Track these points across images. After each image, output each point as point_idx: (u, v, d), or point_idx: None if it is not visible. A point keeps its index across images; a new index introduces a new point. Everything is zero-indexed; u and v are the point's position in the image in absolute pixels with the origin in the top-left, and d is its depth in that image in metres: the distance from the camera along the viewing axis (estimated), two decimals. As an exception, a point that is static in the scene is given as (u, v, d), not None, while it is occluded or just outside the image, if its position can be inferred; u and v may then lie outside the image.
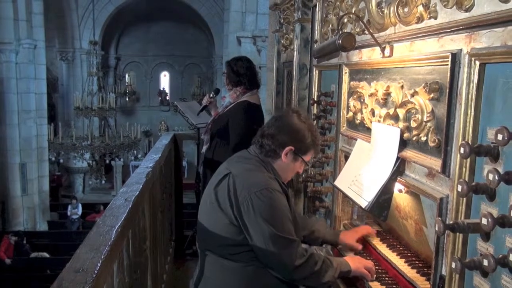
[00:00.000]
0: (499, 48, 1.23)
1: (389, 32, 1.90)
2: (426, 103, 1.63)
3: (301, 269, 1.90)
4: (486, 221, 1.16)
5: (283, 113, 2.13)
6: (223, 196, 1.95)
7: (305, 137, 2.04)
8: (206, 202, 2.06)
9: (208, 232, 2.00)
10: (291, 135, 2.03)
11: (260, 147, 2.06)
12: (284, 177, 2.12)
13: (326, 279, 1.94)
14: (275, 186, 1.95)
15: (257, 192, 1.88)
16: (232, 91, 3.66)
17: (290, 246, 1.89)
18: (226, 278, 1.97)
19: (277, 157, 2.04)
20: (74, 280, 1.27)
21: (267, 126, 2.09)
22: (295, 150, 2.03)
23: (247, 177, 1.96)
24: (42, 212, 13.63)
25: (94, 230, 1.70)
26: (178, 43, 22.13)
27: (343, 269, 1.99)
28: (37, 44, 12.90)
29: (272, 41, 4.41)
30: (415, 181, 1.70)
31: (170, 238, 4.50)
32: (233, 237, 1.92)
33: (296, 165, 2.09)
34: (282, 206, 1.93)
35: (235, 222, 1.91)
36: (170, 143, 4.35)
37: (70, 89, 17.79)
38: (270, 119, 2.15)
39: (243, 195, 1.89)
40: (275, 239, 1.86)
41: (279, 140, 2.02)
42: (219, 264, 1.99)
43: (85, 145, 12.48)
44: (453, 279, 1.40)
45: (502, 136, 1.12)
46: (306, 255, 1.92)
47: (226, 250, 1.96)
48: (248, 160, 2.06)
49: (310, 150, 2.08)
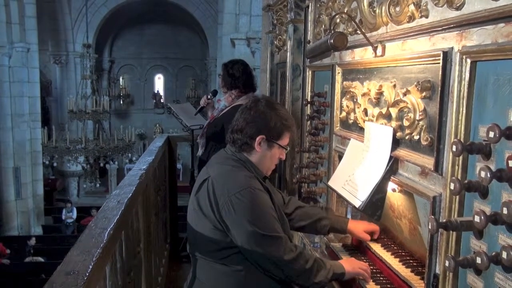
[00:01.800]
0: (490, 46, 1.23)
1: (381, 31, 1.91)
2: (418, 101, 1.63)
3: (291, 265, 1.88)
4: (479, 219, 1.16)
5: (247, 104, 2.08)
6: (204, 202, 1.92)
7: (273, 122, 1.99)
8: (190, 209, 2.04)
9: (196, 238, 1.99)
10: (258, 123, 1.99)
11: (233, 143, 2.04)
12: (266, 168, 2.08)
13: (318, 279, 1.92)
14: (255, 185, 1.92)
15: (237, 193, 1.85)
16: (227, 94, 3.65)
17: (276, 243, 1.87)
18: (219, 282, 1.95)
19: (251, 149, 2.01)
20: (65, 282, 1.25)
21: (235, 121, 2.06)
22: (267, 138, 1.99)
23: (225, 179, 1.93)
24: (37, 216, 13.56)
25: (86, 233, 1.68)
26: (173, 46, 22.12)
27: (337, 271, 1.97)
28: (30, 48, 12.86)
29: (265, 43, 4.41)
30: (408, 180, 1.70)
31: (165, 240, 4.48)
32: (220, 241, 1.90)
33: (274, 152, 2.05)
34: (264, 204, 1.90)
35: (219, 226, 1.88)
36: (164, 145, 4.34)
37: (64, 92, 17.72)
38: (237, 112, 2.11)
39: (223, 198, 1.86)
40: (260, 238, 1.84)
41: (248, 131, 1.99)
42: (210, 268, 1.97)
43: (79, 148, 12.43)
44: (447, 277, 1.40)
45: (493, 133, 1.12)
46: (295, 251, 1.90)
47: (215, 254, 1.94)
48: (226, 160, 2.03)
49: (284, 133, 2.03)
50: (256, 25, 10.22)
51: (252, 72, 3.77)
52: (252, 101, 2.09)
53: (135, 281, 2.45)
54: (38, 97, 13.47)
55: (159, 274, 3.71)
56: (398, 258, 2.01)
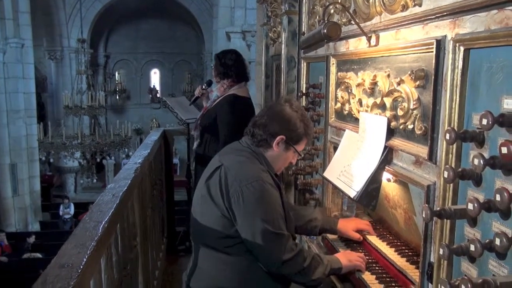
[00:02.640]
0: (483, 33, 1.22)
1: (375, 21, 1.90)
2: (412, 91, 1.63)
3: (289, 264, 1.89)
4: (472, 206, 1.16)
5: (275, 103, 2.12)
6: (215, 188, 1.94)
7: (297, 126, 2.02)
8: (198, 196, 2.05)
9: (201, 225, 2.00)
10: (282, 124, 2.02)
11: (252, 137, 2.06)
12: (277, 168, 2.11)
13: (316, 276, 1.93)
14: (267, 179, 1.94)
15: (248, 184, 1.86)
16: (220, 84, 3.64)
17: (278, 240, 1.87)
18: (219, 271, 1.97)
19: (269, 147, 2.03)
20: (59, 275, 1.25)
21: (259, 116, 2.08)
22: (287, 140, 2.02)
23: (238, 169, 1.95)
24: (34, 212, 13.54)
25: (81, 226, 1.68)
26: (168, 40, 22.01)
27: (334, 266, 1.99)
28: (25, 43, 12.77)
29: (260, 35, 4.39)
30: (402, 170, 1.70)
31: (162, 234, 4.48)
32: (225, 230, 1.91)
33: (288, 155, 2.09)
34: (273, 199, 1.91)
35: (226, 214, 1.90)
36: (159, 139, 4.32)
37: (59, 88, 17.62)
38: (262, 108, 2.15)
39: (234, 187, 1.88)
40: (264, 232, 1.85)
41: (270, 129, 2.01)
42: (212, 257, 1.98)
43: (75, 144, 12.40)
44: (442, 265, 1.40)
45: (486, 120, 1.12)
46: (295, 250, 1.91)
47: (219, 243, 1.95)
48: (240, 151, 2.05)
49: (302, 139, 2.07)
50: (251, 18, 10.18)
51: (245, 62, 3.74)
52: (279, 100, 2.13)
53: (132, 274, 2.45)
54: (33, 93, 13.39)
55: (156, 267, 3.71)
56: (394, 248, 2.02)
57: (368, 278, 1.92)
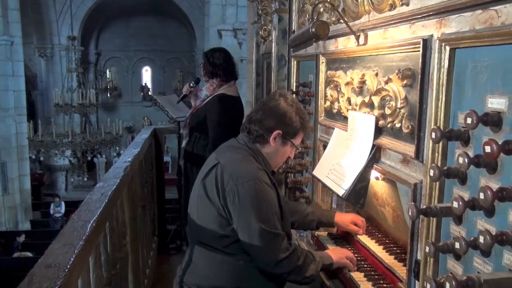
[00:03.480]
0: (468, 33, 1.24)
1: (364, 20, 1.91)
2: (399, 89, 1.64)
3: (284, 263, 1.88)
4: (457, 205, 1.17)
5: (270, 97, 2.09)
6: (211, 186, 1.93)
7: (292, 120, 2.00)
8: (194, 195, 2.04)
9: (198, 225, 1.99)
10: (278, 118, 1.99)
11: (248, 133, 2.03)
12: (275, 163, 2.10)
13: (309, 273, 1.93)
14: (264, 178, 1.92)
15: (244, 183, 1.85)
16: (209, 83, 3.62)
17: (274, 240, 1.87)
18: (214, 269, 1.96)
19: (266, 143, 2.02)
20: (46, 275, 1.25)
21: (254, 111, 2.06)
22: (283, 134, 2.00)
23: (235, 167, 1.93)
24: (24, 211, 13.42)
25: (69, 225, 1.67)
26: (160, 38, 21.90)
27: (326, 262, 1.99)
28: (14, 41, 12.63)
29: (251, 33, 4.39)
30: (390, 168, 1.71)
31: (153, 233, 4.47)
32: (221, 229, 1.91)
33: (286, 150, 2.07)
34: (269, 198, 1.90)
35: (223, 213, 1.89)
36: (150, 137, 4.31)
37: (50, 85, 17.48)
38: (256, 104, 2.12)
39: (230, 185, 1.86)
40: (259, 232, 1.84)
41: (266, 124, 1.99)
42: (208, 256, 1.98)
43: (65, 142, 12.30)
44: (428, 263, 1.42)
45: (471, 119, 1.13)
46: (290, 249, 1.91)
47: (216, 242, 1.94)
48: (237, 149, 2.03)
49: (299, 133, 2.05)
50: (243, 16, 10.16)
51: (233, 60, 3.72)
52: (274, 95, 2.09)
53: (121, 273, 2.45)
54: (23, 90, 13.24)
55: (147, 266, 3.71)
56: (382, 245, 2.03)
57: (356, 275, 1.93)
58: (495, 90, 1.16)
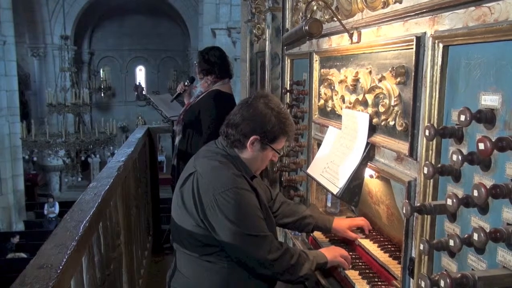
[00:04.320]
0: (461, 30, 1.23)
1: (357, 18, 1.90)
2: (393, 87, 1.63)
3: (278, 263, 1.87)
4: (451, 202, 1.16)
5: (249, 99, 1.99)
6: (188, 198, 1.88)
7: (271, 125, 1.90)
8: (174, 202, 1.99)
9: (179, 228, 1.95)
10: (255, 123, 1.90)
11: (226, 138, 1.96)
12: (255, 168, 2.04)
13: (303, 272, 1.91)
14: (242, 185, 1.86)
15: (222, 192, 1.80)
16: (203, 80, 3.63)
17: (262, 243, 1.84)
18: (199, 277, 1.93)
19: (243, 147, 1.94)
20: (38, 276, 1.23)
21: (232, 114, 1.98)
22: (261, 139, 1.92)
23: (211, 176, 1.86)
24: (18, 211, 13.36)
25: (61, 225, 1.65)
26: (153, 37, 21.85)
27: (320, 261, 1.98)
28: (7, 40, 12.58)
29: (244, 32, 4.38)
30: (384, 166, 1.71)
31: (148, 232, 4.45)
32: (202, 238, 1.87)
33: (266, 154, 1.99)
34: (250, 204, 1.86)
35: (201, 225, 1.85)
36: (144, 136, 4.28)
37: (43, 85, 17.39)
38: (236, 106, 2.05)
39: (208, 196, 1.82)
40: (246, 238, 1.82)
41: (243, 129, 1.91)
42: (193, 263, 1.94)
43: (59, 142, 12.25)
44: (422, 260, 1.41)
45: (464, 117, 1.13)
46: (281, 249, 1.89)
47: (199, 250, 1.90)
48: (214, 155, 1.96)
49: (279, 137, 1.95)
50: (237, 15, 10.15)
51: (228, 59, 3.74)
52: (254, 97, 1.98)
53: (116, 274, 2.43)
54: (16, 90, 13.20)
55: (142, 266, 3.69)
56: (377, 243, 2.03)
57: (351, 274, 1.93)
58: (488, 87, 1.15)
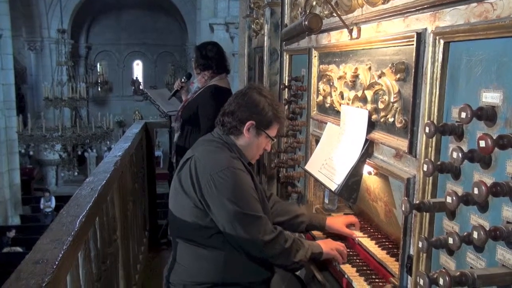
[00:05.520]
0: (462, 26, 1.22)
1: (357, 13, 1.89)
2: (393, 84, 1.62)
3: (271, 246, 1.89)
4: (451, 200, 1.16)
5: (242, 90, 2.12)
6: (186, 180, 1.93)
7: (265, 110, 2.02)
8: (172, 189, 2.05)
9: (176, 218, 1.99)
10: (250, 109, 2.01)
11: (222, 126, 2.06)
12: (251, 156, 2.11)
13: (297, 258, 1.94)
14: (238, 166, 1.94)
15: (219, 171, 1.87)
16: (200, 75, 3.61)
17: (257, 223, 1.88)
18: (198, 266, 1.96)
19: (240, 134, 2.03)
20: (34, 271, 1.22)
21: (227, 104, 2.09)
22: (257, 125, 2.02)
23: (208, 158, 1.95)
24: (14, 206, 13.30)
25: (57, 220, 1.64)
26: (151, 32, 21.74)
27: (315, 251, 2.00)
28: (3, 33, 12.48)
29: (243, 27, 4.36)
30: (383, 163, 1.70)
31: (144, 228, 4.44)
32: (200, 220, 1.91)
33: (260, 141, 2.07)
34: (246, 184, 1.92)
35: (199, 205, 1.89)
36: (141, 131, 4.26)
37: (39, 79, 17.30)
38: (230, 97, 2.14)
39: (205, 176, 1.88)
40: (241, 217, 1.85)
41: (239, 116, 2.01)
42: (191, 251, 1.97)
43: (55, 136, 12.20)
44: (421, 258, 1.41)
45: (465, 114, 1.12)
46: (275, 232, 1.91)
47: (195, 235, 1.94)
48: (210, 142, 2.05)
49: (273, 123, 2.06)
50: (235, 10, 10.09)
51: (225, 54, 3.73)
52: (247, 87, 2.12)
53: (112, 269, 2.42)
54: (12, 84, 13.09)
55: (138, 261, 3.68)
56: (374, 240, 2.02)
57: (348, 270, 1.92)
58: (489, 84, 1.14)
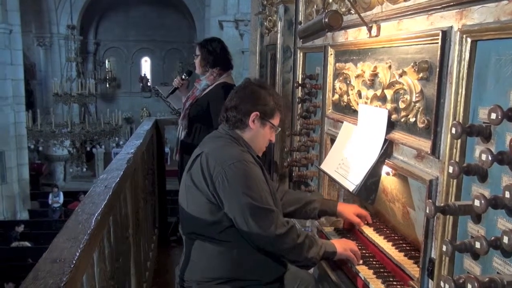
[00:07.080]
0: (492, 24, 1.19)
1: (376, 11, 1.85)
2: (414, 83, 1.59)
3: (283, 239, 1.88)
4: (479, 203, 1.12)
5: (241, 85, 2.16)
6: (198, 175, 1.94)
7: (267, 101, 2.06)
8: (183, 187, 2.05)
9: (188, 215, 1.99)
10: (253, 101, 2.05)
11: (227, 121, 2.08)
12: (258, 147, 2.12)
13: (310, 254, 1.92)
14: (249, 158, 1.96)
15: (230, 164, 1.88)
16: (209, 72, 3.55)
17: (269, 216, 1.87)
18: (211, 262, 1.96)
19: (245, 126, 2.06)
20: (51, 270, 1.20)
21: (228, 100, 2.11)
22: (261, 115, 2.05)
23: (219, 152, 1.96)
24: (22, 200, 13.37)
25: (73, 218, 1.63)
26: (159, 28, 21.74)
27: (328, 250, 1.97)
28: (13, 29, 12.51)
29: (254, 24, 4.32)
30: (403, 163, 1.66)
31: (154, 225, 4.44)
32: (212, 215, 1.91)
33: (266, 131, 2.09)
34: (257, 176, 1.93)
35: (212, 199, 1.90)
36: (151, 128, 4.25)
37: (49, 75, 17.37)
38: (230, 93, 2.16)
39: (217, 170, 1.88)
40: (253, 209, 1.85)
41: (243, 108, 2.04)
42: (204, 248, 1.97)
43: (64, 132, 12.25)
44: (443, 262, 1.38)
45: (495, 115, 1.08)
46: (287, 225, 1.91)
47: (208, 231, 1.94)
48: (219, 138, 2.07)
49: (276, 113, 2.10)
50: (245, 7, 10.06)
51: (228, 50, 3.70)
52: (245, 82, 2.16)
53: (124, 266, 2.41)
54: (21, 79, 13.13)
55: (148, 259, 3.67)
56: (391, 242, 1.99)
57: (365, 272, 1.89)
58: (520, 84, 1.11)
